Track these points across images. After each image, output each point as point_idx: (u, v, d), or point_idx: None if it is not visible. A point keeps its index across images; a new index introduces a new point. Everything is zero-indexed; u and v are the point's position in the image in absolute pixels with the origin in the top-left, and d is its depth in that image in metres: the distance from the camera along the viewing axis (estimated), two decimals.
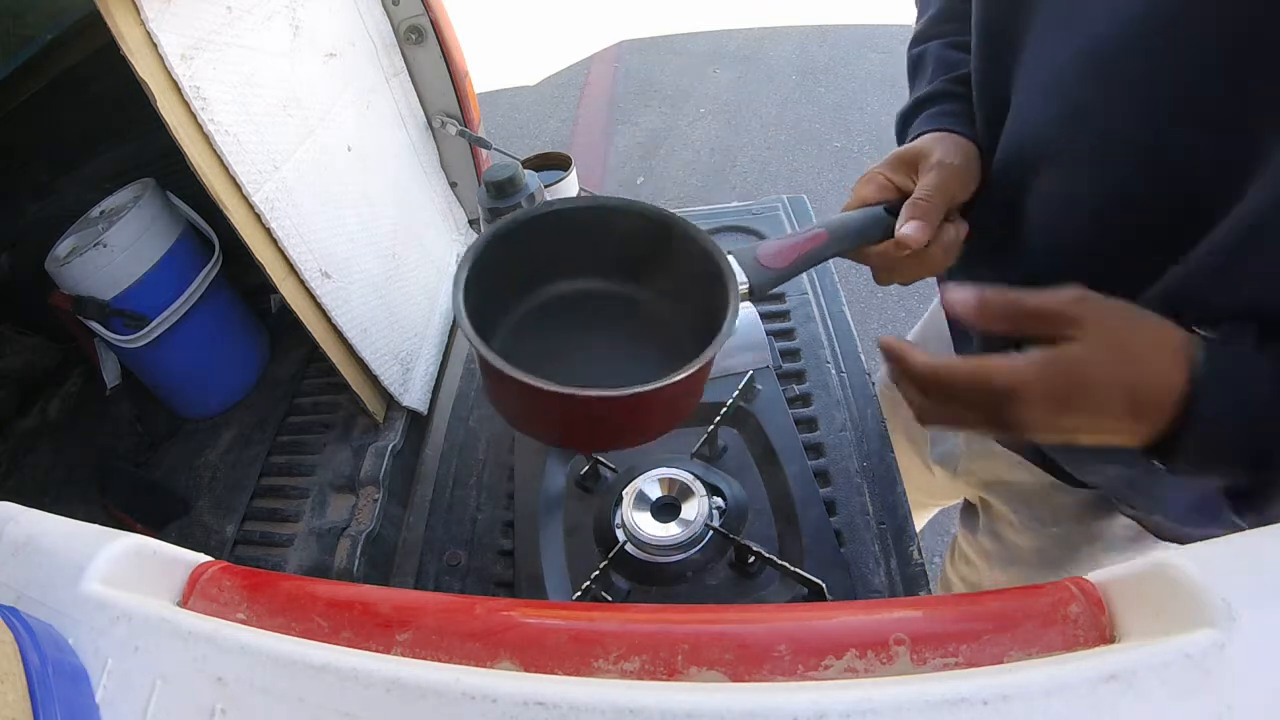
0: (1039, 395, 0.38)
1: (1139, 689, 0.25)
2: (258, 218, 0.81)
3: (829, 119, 2.85)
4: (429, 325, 1.14)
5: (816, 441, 0.77)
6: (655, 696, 0.27)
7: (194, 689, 0.31)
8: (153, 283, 1.13)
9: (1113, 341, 0.38)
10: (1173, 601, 0.27)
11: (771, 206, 1.09)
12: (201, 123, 0.74)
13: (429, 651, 0.33)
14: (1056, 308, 0.40)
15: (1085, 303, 0.40)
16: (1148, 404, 0.38)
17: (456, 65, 1.15)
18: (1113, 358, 0.38)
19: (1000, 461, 0.68)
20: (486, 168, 0.96)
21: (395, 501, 1.01)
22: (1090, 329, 0.39)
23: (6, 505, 0.40)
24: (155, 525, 1.11)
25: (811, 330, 0.89)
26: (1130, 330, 0.39)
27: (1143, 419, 0.38)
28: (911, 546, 0.67)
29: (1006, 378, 0.39)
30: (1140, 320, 0.40)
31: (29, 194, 1.43)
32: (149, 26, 0.69)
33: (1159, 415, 0.38)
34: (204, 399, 1.28)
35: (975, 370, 0.40)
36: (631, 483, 0.70)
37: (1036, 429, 0.40)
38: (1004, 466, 0.68)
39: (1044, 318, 0.40)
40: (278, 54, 0.88)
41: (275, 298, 1.03)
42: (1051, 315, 0.39)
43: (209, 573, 0.39)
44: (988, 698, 0.25)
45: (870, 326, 1.97)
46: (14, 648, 0.30)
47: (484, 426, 0.88)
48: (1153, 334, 0.39)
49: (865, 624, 0.33)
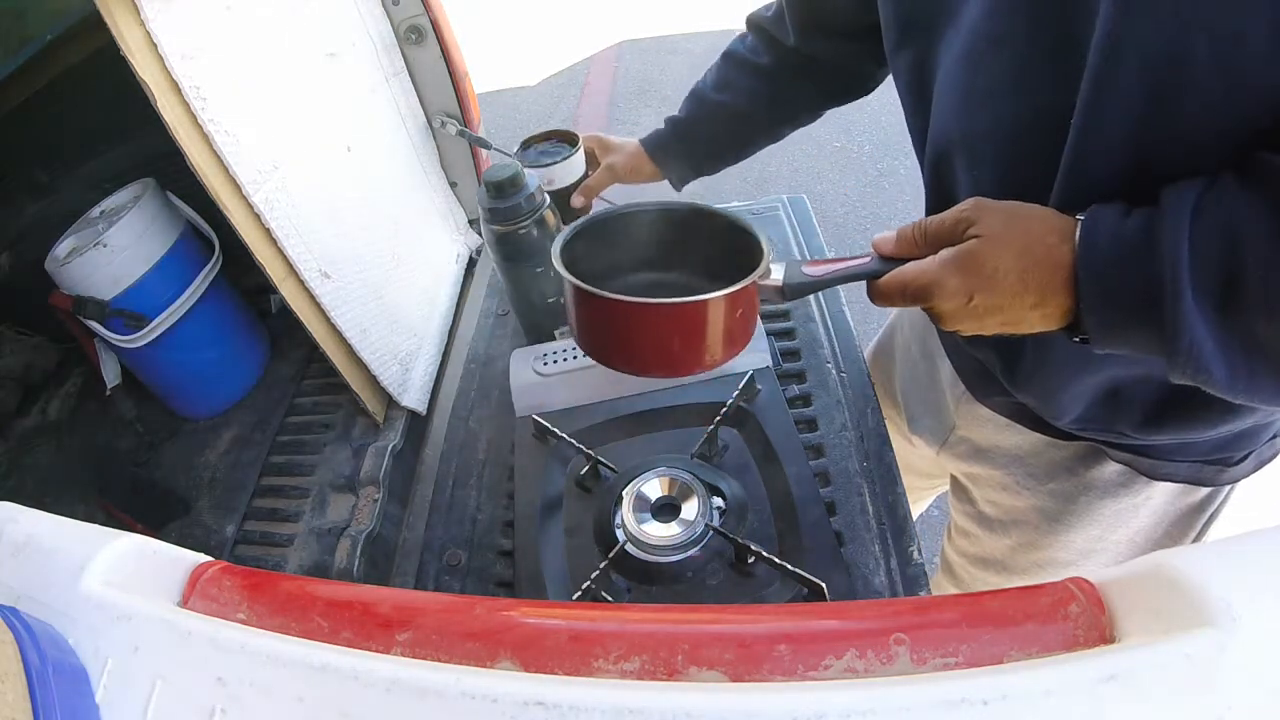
0: (950, 290, 0.46)
1: (1139, 689, 0.25)
2: (257, 218, 0.81)
3: (829, 119, 2.83)
4: (429, 325, 1.14)
5: (816, 441, 0.77)
6: (655, 696, 0.27)
7: (194, 689, 0.31)
8: (153, 283, 1.13)
9: (1004, 233, 0.45)
10: (1173, 601, 0.27)
11: (771, 206, 1.09)
12: (201, 123, 0.74)
13: (429, 651, 0.33)
14: (954, 216, 0.47)
15: (979, 206, 0.47)
16: (1041, 282, 0.44)
17: (456, 65, 1.15)
18: (1004, 246, 0.44)
19: (989, 426, 0.70)
20: (486, 168, 0.96)
21: (395, 501, 1.01)
22: (984, 226, 0.46)
23: (6, 505, 0.40)
24: (155, 525, 1.11)
25: (811, 330, 0.89)
26: (1019, 221, 0.45)
27: (1043, 297, 0.44)
28: (911, 546, 0.67)
29: (920, 278, 0.47)
30: (1028, 212, 0.46)
31: (29, 194, 1.43)
32: (149, 26, 0.69)
33: (1055, 292, 0.43)
34: (204, 399, 1.28)
35: (896, 277, 0.48)
36: (631, 483, 0.70)
37: (957, 320, 0.47)
38: (994, 430, 0.70)
39: (946, 229, 0.47)
40: (278, 54, 0.88)
41: (275, 298, 1.03)
42: (951, 224, 0.47)
43: (209, 573, 0.39)
44: (988, 698, 0.25)
45: (870, 326, 1.97)
46: (14, 648, 0.30)
47: (484, 426, 0.88)
48: (1039, 222, 0.45)
49: (865, 624, 0.33)
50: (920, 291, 0.47)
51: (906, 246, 0.49)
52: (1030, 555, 0.75)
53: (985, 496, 0.77)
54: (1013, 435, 0.69)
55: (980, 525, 0.80)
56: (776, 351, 0.84)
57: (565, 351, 0.85)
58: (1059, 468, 0.66)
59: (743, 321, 0.54)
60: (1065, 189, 0.47)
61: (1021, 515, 0.73)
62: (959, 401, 0.73)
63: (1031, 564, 0.75)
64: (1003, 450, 0.71)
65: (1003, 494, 0.73)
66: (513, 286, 0.86)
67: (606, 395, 0.82)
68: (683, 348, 0.54)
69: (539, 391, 0.83)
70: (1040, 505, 0.70)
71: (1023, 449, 0.69)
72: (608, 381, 0.82)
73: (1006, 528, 0.76)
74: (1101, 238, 0.42)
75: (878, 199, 2.46)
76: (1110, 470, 0.63)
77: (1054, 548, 0.72)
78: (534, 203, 0.79)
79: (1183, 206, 0.40)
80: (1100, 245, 0.42)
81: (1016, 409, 0.66)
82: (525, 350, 0.87)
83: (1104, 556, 0.70)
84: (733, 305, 0.52)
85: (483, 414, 0.90)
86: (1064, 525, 0.69)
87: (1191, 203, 0.39)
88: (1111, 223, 0.42)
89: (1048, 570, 0.74)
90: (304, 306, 0.88)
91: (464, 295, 1.23)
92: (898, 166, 2.57)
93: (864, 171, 2.59)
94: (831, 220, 2.41)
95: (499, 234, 0.79)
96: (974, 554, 0.83)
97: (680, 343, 0.53)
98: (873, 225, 2.35)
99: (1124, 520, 0.66)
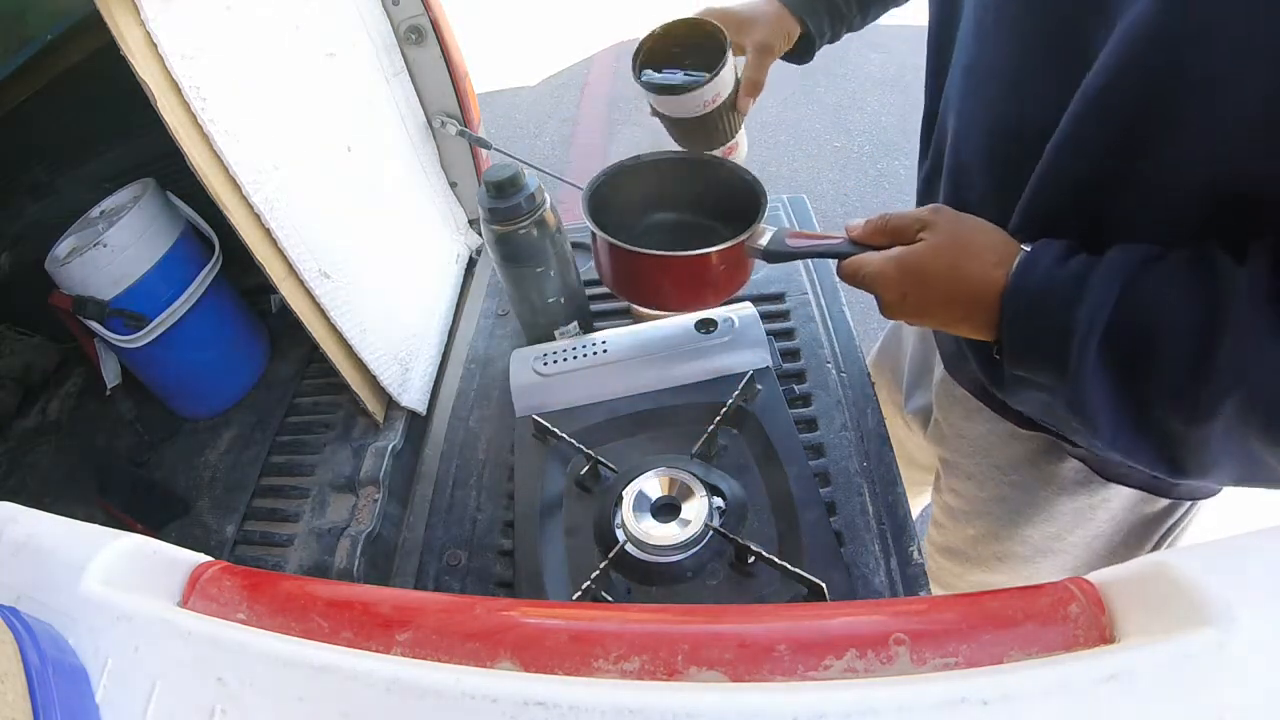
0: (889, 282, 0.50)
1: (1139, 689, 0.25)
2: (257, 218, 0.81)
3: (829, 119, 2.85)
4: (429, 325, 1.14)
5: (816, 441, 0.77)
6: (655, 696, 0.27)
7: (194, 689, 0.31)
8: (153, 283, 1.12)
9: (948, 243, 0.48)
10: (1173, 601, 0.27)
11: (771, 206, 1.09)
12: (201, 123, 0.74)
13: (429, 651, 0.33)
14: (914, 215, 0.51)
15: (938, 212, 0.50)
16: (969, 297, 0.47)
17: (456, 65, 1.15)
18: (943, 255, 0.48)
19: (959, 410, 0.72)
20: (486, 168, 0.96)
21: (395, 501, 1.01)
22: (935, 231, 0.49)
23: (6, 505, 0.40)
24: (155, 525, 1.11)
25: (811, 330, 0.89)
26: (965, 234, 0.48)
27: (969, 312, 0.47)
28: (911, 546, 0.67)
29: (868, 269, 0.52)
30: (978, 229, 0.48)
31: (29, 194, 1.43)
32: (149, 26, 0.69)
33: (982, 310, 0.46)
34: (204, 399, 1.28)
35: (853, 263, 0.53)
36: (631, 483, 0.70)
37: (894, 310, 0.51)
38: (963, 414, 0.71)
39: (905, 226, 0.51)
40: (278, 54, 0.88)
41: (275, 298, 1.03)
42: (909, 223, 0.51)
43: (209, 573, 0.39)
44: (988, 698, 0.25)
45: (870, 326, 1.97)
46: (14, 648, 0.30)
47: (484, 426, 0.89)
48: (986, 240, 0.48)
49: (865, 624, 0.33)
50: (866, 279, 0.52)
51: (871, 234, 0.54)
52: (990, 547, 0.76)
53: (953, 485, 0.78)
54: (981, 423, 0.70)
55: (947, 516, 0.81)
56: (776, 351, 0.84)
57: (565, 351, 0.85)
58: (1022, 460, 0.67)
59: (731, 270, 0.65)
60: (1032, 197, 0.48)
61: (984, 506, 0.74)
62: (939, 382, 0.74)
63: (990, 555, 0.76)
64: (969, 440, 0.72)
65: (968, 483, 0.75)
66: (513, 286, 0.86)
67: (606, 395, 0.82)
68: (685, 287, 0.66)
69: (539, 391, 0.83)
70: (1002, 496, 0.71)
71: (989, 439, 0.70)
72: (608, 381, 0.82)
73: (970, 518, 0.77)
74: (1035, 275, 0.44)
75: (877, 199, 2.46)
76: (1069, 467, 0.64)
77: (1013, 540, 0.72)
78: (534, 203, 0.79)
79: (1121, 270, 0.41)
80: (1030, 282, 0.44)
81: (982, 388, 0.67)
82: (525, 350, 0.87)
83: (1061, 558, 0.71)
84: (723, 258, 0.62)
85: (483, 414, 0.90)
86: (1023, 519, 0.70)
87: (1131, 269, 0.41)
88: (1049, 263, 0.44)
89: (1005, 563, 0.75)
90: (304, 306, 0.88)
91: (464, 295, 1.23)
92: (897, 167, 2.57)
93: (864, 171, 2.59)
94: (831, 220, 2.41)
95: (499, 234, 0.79)
96: (941, 544, 0.85)
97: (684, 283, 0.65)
98: None
99: (1081, 520, 0.67)
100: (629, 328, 0.87)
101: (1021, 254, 0.45)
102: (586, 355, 0.83)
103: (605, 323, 0.98)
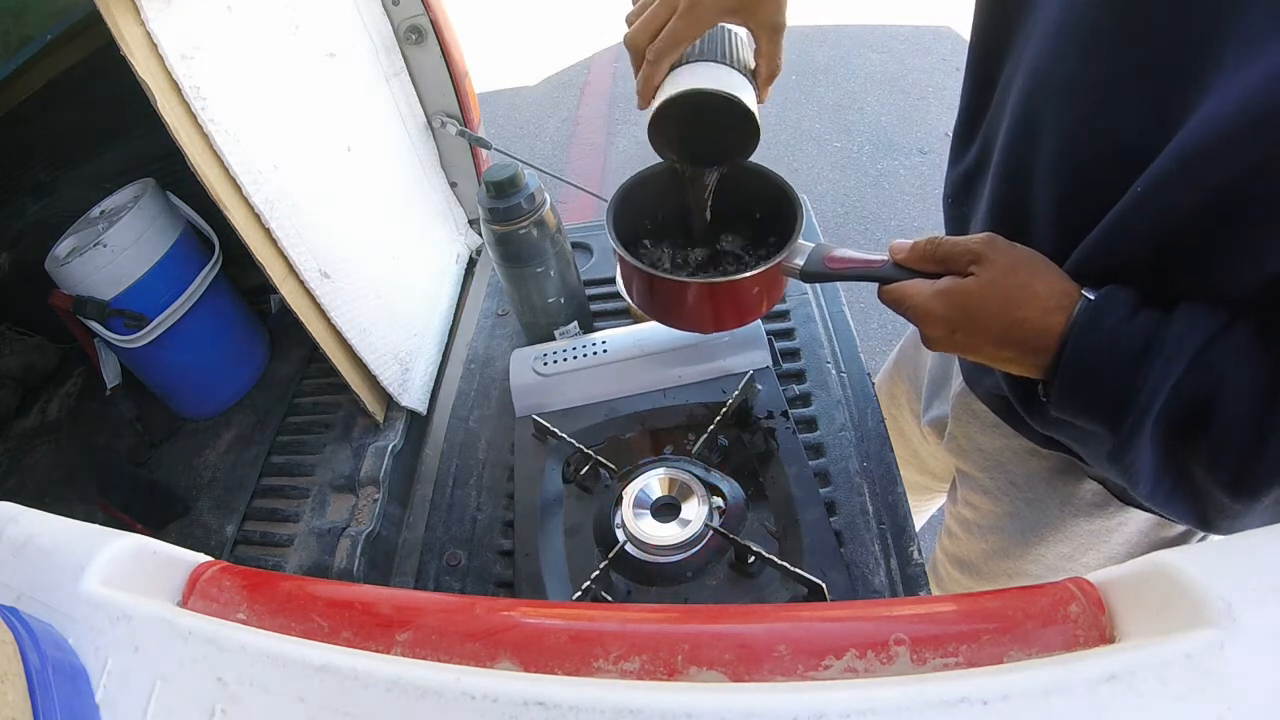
0: (936, 318, 0.47)
1: (1139, 689, 0.25)
2: (257, 218, 0.81)
3: (829, 119, 2.85)
4: (429, 325, 1.14)
5: (816, 441, 0.77)
6: (655, 696, 0.27)
7: (194, 689, 0.31)
8: (153, 283, 1.12)
9: (1004, 281, 0.44)
10: (1173, 601, 0.27)
11: None
12: (201, 123, 0.74)
13: (429, 651, 0.33)
14: (966, 245, 0.47)
15: (993, 244, 0.46)
16: (1022, 341, 0.44)
17: (456, 65, 1.15)
18: (999, 294, 0.44)
19: (977, 423, 0.70)
20: (486, 168, 0.96)
21: (395, 501, 1.01)
22: (988, 267, 0.45)
23: (6, 505, 0.40)
24: (155, 525, 1.11)
25: (811, 330, 0.89)
26: (1021, 273, 0.45)
27: (1020, 354, 0.44)
28: (911, 546, 0.67)
29: (913, 300, 0.48)
30: (1035, 269, 0.45)
31: (29, 194, 1.43)
32: (149, 26, 0.69)
33: (1036, 354, 0.44)
34: (204, 399, 1.28)
35: (896, 290, 0.50)
36: (631, 483, 0.70)
37: (939, 345, 0.48)
38: (980, 428, 0.70)
39: (956, 254, 0.47)
40: (278, 54, 0.88)
41: (275, 298, 1.03)
42: (961, 252, 0.47)
43: (209, 573, 0.39)
44: (988, 698, 0.25)
45: (870, 326, 1.97)
46: (14, 648, 0.30)
47: (484, 426, 0.89)
48: (1043, 282, 0.44)
49: (865, 624, 0.33)
50: (911, 312, 0.49)
51: (918, 259, 0.50)
52: (1001, 563, 0.75)
53: (968, 498, 0.77)
54: (998, 438, 0.69)
55: (961, 527, 0.80)
56: (776, 351, 0.84)
57: (565, 351, 0.85)
58: (1038, 477, 0.66)
59: (764, 292, 0.60)
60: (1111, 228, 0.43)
61: (998, 521, 0.73)
62: (957, 395, 0.74)
63: (1001, 571, 0.76)
64: (985, 454, 0.71)
65: (984, 497, 0.74)
66: (513, 286, 0.86)
67: (606, 395, 0.82)
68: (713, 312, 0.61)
69: (539, 391, 0.83)
70: (1016, 512, 0.70)
71: (1005, 454, 0.69)
72: (608, 381, 0.82)
73: (984, 531, 0.76)
74: (1101, 332, 0.41)
75: (877, 199, 2.46)
76: (1087, 488, 0.63)
77: (1025, 559, 0.72)
78: (534, 203, 0.79)
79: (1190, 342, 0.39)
80: (1097, 339, 0.41)
81: (1002, 404, 0.66)
82: (525, 350, 0.87)
83: None
84: (758, 281, 0.57)
85: (483, 414, 0.90)
86: (1037, 537, 0.69)
87: (1198, 343, 0.38)
88: (1116, 320, 0.41)
89: (1015, 580, 0.75)
90: (304, 306, 0.88)
91: (464, 295, 1.23)
92: (897, 167, 2.57)
93: (864, 171, 2.59)
94: (831, 220, 2.40)
95: (499, 234, 0.79)
96: (953, 553, 0.84)
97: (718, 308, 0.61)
98: (872, 225, 2.35)
99: (1096, 543, 0.66)
100: (629, 328, 0.87)
101: (1084, 302, 0.42)
102: (586, 355, 0.83)
103: (605, 323, 0.98)
